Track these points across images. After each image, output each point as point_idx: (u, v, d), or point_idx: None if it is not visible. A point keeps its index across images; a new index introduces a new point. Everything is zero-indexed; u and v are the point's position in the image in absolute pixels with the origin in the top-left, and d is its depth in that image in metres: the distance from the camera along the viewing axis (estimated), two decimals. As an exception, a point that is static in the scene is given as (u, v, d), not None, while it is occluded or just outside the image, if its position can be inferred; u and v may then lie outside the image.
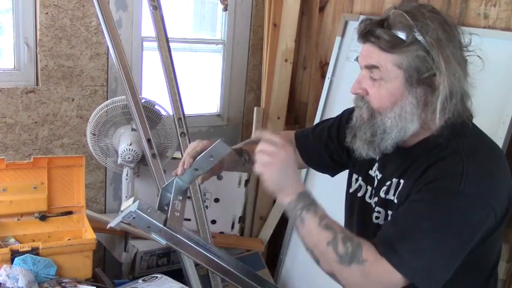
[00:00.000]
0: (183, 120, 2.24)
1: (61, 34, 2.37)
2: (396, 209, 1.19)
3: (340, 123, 1.43)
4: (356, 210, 1.35)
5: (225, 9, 2.85)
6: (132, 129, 2.25)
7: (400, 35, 1.09)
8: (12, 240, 1.96)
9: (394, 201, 1.20)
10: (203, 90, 3.02)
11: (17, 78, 2.36)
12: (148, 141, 2.12)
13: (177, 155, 2.42)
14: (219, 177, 1.43)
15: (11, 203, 1.98)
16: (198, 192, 2.25)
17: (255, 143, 1.50)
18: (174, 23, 2.73)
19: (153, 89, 2.66)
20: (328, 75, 2.59)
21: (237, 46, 2.93)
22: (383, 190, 1.24)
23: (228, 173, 1.46)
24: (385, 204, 1.23)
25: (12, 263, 1.74)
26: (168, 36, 2.24)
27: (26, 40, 2.33)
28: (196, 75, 2.96)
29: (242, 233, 2.82)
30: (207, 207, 2.56)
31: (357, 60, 1.18)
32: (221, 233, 2.69)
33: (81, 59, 2.44)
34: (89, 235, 1.97)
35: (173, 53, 2.25)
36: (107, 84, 2.54)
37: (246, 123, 3.05)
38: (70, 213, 2.08)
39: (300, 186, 1.16)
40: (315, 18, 2.84)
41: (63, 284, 1.76)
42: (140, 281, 1.93)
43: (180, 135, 2.25)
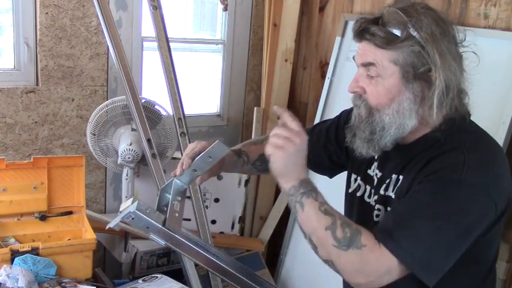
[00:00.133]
0: (183, 120, 2.24)
1: (61, 34, 2.37)
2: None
3: (338, 124, 1.43)
4: (355, 210, 1.35)
5: (225, 9, 2.85)
6: (132, 129, 2.25)
7: (395, 31, 1.10)
8: (12, 240, 1.96)
9: (392, 197, 1.20)
10: (203, 90, 3.02)
11: (17, 78, 2.36)
12: (148, 141, 2.12)
13: (177, 155, 2.41)
14: (219, 178, 1.42)
15: (11, 203, 1.98)
16: (198, 192, 2.25)
17: (254, 143, 1.50)
18: (174, 23, 2.73)
19: (153, 89, 2.66)
20: (328, 75, 2.59)
21: (237, 46, 2.93)
22: (383, 187, 1.24)
23: (228, 173, 1.46)
24: (384, 201, 1.23)
25: (12, 263, 1.74)
26: (168, 36, 2.24)
27: (26, 40, 2.33)
28: (196, 75, 2.96)
29: (242, 233, 2.81)
30: (207, 207, 2.56)
31: (353, 59, 1.19)
32: (221, 233, 2.69)
33: (81, 59, 2.44)
34: (89, 235, 1.97)
35: (173, 53, 2.25)
36: (107, 84, 2.54)
37: (246, 123, 3.04)
38: (70, 213, 2.08)
39: (303, 173, 1.15)
40: (315, 18, 2.84)
41: (63, 284, 1.76)
42: (140, 281, 1.93)
43: (180, 135, 2.25)
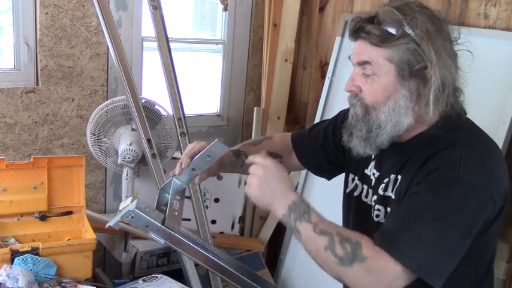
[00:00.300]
0: (183, 120, 2.24)
1: (61, 34, 2.37)
2: (394, 205, 1.19)
3: (335, 124, 1.44)
4: (353, 209, 1.35)
5: (225, 9, 2.84)
6: (132, 129, 2.25)
7: (390, 29, 1.11)
8: (12, 240, 1.96)
9: (392, 198, 1.20)
10: (203, 90, 3.02)
11: (17, 78, 2.36)
12: (148, 141, 2.12)
13: (177, 155, 2.41)
14: (219, 178, 1.42)
15: (11, 203, 1.98)
16: (198, 192, 2.25)
17: (253, 144, 1.50)
18: (174, 23, 2.73)
19: (153, 89, 2.66)
20: (328, 75, 2.59)
21: (237, 46, 2.93)
22: (381, 187, 1.24)
23: (227, 173, 1.46)
24: (384, 201, 1.23)
25: (12, 263, 1.74)
26: (168, 36, 2.24)
27: (26, 40, 2.33)
28: (196, 75, 2.96)
29: (242, 233, 2.81)
30: (207, 207, 2.56)
31: (349, 58, 1.19)
32: (221, 233, 2.69)
33: (81, 59, 2.44)
34: (89, 235, 1.97)
35: (173, 53, 2.25)
36: (107, 84, 2.54)
37: (246, 123, 3.04)
38: (70, 213, 2.09)
39: (289, 196, 1.15)
40: (315, 18, 2.84)
41: (63, 284, 1.76)
42: (140, 281, 1.93)
43: (180, 135, 2.25)
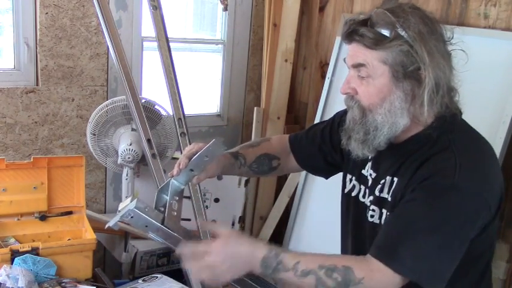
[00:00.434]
0: (183, 120, 2.24)
1: (61, 34, 2.37)
2: (390, 208, 1.20)
3: (332, 126, 1.45)
4: (351, 210, 1.36)
5: (225, 9, 2.84)
6: (132, 129, 2.25)
7: (383, 31, 1.12)
8: (12, 240, 1.96)
9: (388, 199, 1.21)
10: (203, 90, 3.02)
11: (17, 78, 2.36)
12: (148, 141, 2.12)
13: (177, 155, 2.41)
14: (219, 178, 1.43)
15: (11, 203, 1.98)
16: (198, 192, 2.25)
17: (251, 146, 1.51)
18: (174, 23, 2.73)
19: (153, 89, 2.66)
20: (328, 75, 2.59)
21: (237, 46, 2.93)
22: (378, 188, 1.24)
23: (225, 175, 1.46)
24: (379, 202, 1.24)
25: (12, 263, 1.75)
26: (168, 36, 2.24)
27: (26, 40, 2.33)
28: (196, 75, 2.95)
29: (242, 233, 2.81)
30: (207, 207, 2.55)
31: (344, 61, 1.20)
32: (221, 233, 2.69)
33: (81, 59, 2.44)
34: (89, 235, 1.97)
35: (173, 53, 2.25)
36: (107, 84, 2.54)
37: (246, 123, 3.04)
38: (70, 213, 2.09)
39: (256, 255, 1.12)
40: (315, 18, 2.84)
41: (63, 284, 1.77)
42: (140, 281, 1.94)
43: (180, 135, 2.24)
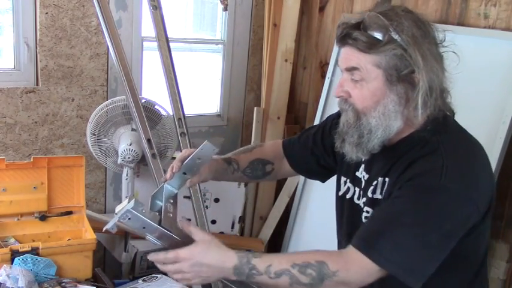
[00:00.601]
0: (183, 120, 2.24)
1: (61, 34, 2.37)
2: None
3: (324, 130, 1.45)
4: (346, 212, 1.36)
5: (225, 9, 2.84)
6: (132, 129, 2.24)
7: (377, 35, 1.11)
8: (12, 240, 1.96)
9: (381, 200, 1.21)
10: (203, 90, 3.02)
11: (17, 78, 2.36)
12: (148, 141, 2.12)
13: (177, 155, 2.41)
14: None
15: (11, 203, 1.98)
16: (198, 192, 2.25)
17: (244, 152, 1.52)
18: (174, 23, 2.73)
19: (153, 89, 2.65)
20: (328, 75, 2.59)
21: (237, 46, 2.93)
22: (370, 190, 1.25)
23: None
24: (372, 203, 1.25)
25: (12, 263, 1.75)
26: (168, 36, 2.24)
27: (26, 40, 2.33)
28: (196, 75, 2.95)
29: (242, 233, 2.81)
30: (207, 207, 2.56)
31: (337, 64, 1.20)
32: (221, 233, 2.69)
33: (81, 59, 2.44)
34: (89, 235, 1.97)
35: (173, 53, 2.25)
36: (107, 84, 2.54)
37: (246, 123, 3.04)
38: (70, 213, 2.09)
39: (228, 263, 1.14)
40: (315, 18, 2.84)
41: (63, 284, 1.76)
42: (140, 281, 1.94)
43: (180, 135, 2.24)
